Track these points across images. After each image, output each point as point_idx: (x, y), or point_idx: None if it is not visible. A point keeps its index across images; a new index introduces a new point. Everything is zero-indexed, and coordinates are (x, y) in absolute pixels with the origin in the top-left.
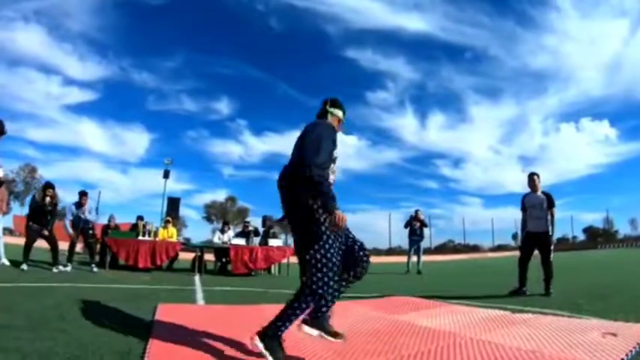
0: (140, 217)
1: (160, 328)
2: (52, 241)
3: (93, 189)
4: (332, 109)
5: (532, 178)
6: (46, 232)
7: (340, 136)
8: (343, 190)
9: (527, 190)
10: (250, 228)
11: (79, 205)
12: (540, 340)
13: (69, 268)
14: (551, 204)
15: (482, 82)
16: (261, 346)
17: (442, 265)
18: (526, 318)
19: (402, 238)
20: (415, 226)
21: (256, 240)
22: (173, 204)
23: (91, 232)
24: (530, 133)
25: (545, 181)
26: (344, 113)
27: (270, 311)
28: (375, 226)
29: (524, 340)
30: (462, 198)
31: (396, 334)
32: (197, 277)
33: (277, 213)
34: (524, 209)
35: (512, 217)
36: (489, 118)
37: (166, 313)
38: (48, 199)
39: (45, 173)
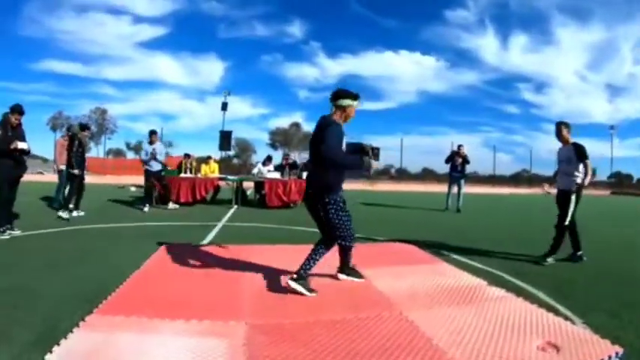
0: (187, 155)
1: (144, 271)
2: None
3: (173, 120)
4: (336, 102)
5: (558, 127)
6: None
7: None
8: (420, 113)
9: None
10: (289, 161)
11: (150, 143)
12: (469, 339)
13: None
14: (580, 157)
15: (570, 3)
16: (294, 284)
17: (495, 200)
18: (492, 296)
19: (478, 164)
20: (457, 162)
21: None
22: (225, 137)
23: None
24: (619, 60)
25: (634, 112)
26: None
27: (260, 251)
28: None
29: (453, 333)
30: (543, 125)
31: (327, 295)
32: (232, 210)
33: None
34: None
35: (596, 149)
36: (576, 41)
37: (162, 253)
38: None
39: (119, 110)
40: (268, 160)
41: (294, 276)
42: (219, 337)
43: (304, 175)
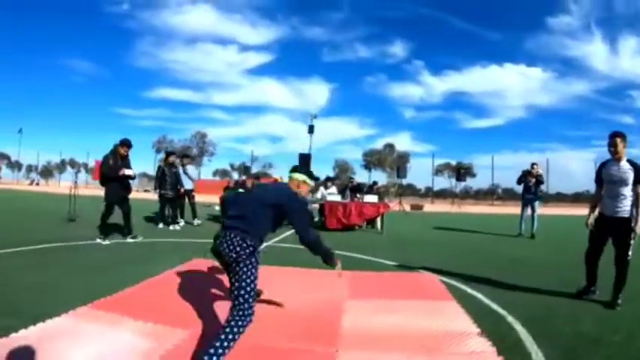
0: (256, 176)
1: (154, 280)
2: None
3: (280, 142)
4: (291, 174)
5: (613, 139)
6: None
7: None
8: (528, 128)
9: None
10: (354, 183)
11: (183, 165)
12: None
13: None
14: (638, 179)
15: None
16: None
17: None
18: (466, 350)
19: (592, 183)
20: (529, 183)
21: (357, 196)
22: (304, 160)
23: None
24: None
25: None
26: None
27: (278, 272)
28: (563, 167)
29: None
30: None
31: (283, 321)
32: (290, 231)
33: (456, 155)
34: (599, 182)
35: None
36: None
37: (185, 266)
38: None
39: (230, 133)
40: (329, 181)
41: None
42: (153, 339)
43: (367, 197)
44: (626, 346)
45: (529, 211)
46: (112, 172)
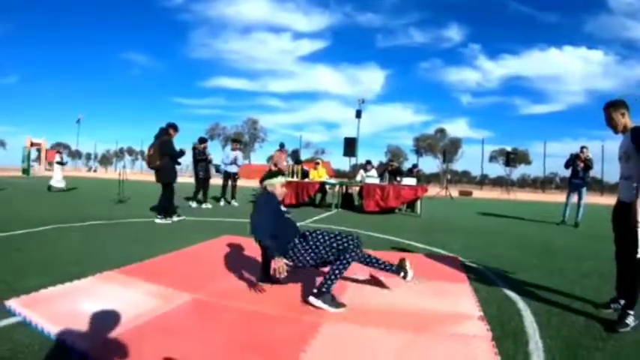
0: (298, 161)
1: (181, 252)
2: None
3: (335, 128)
4: (266, 181)
5: (605, 113)
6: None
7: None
8: (588, 115)
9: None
10: (394, 166)
11: (233, 150)
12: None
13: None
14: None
15: None
16: (317, 302)
17: None
18: (458, 332)
19: None
20: (578, 167)
21: (396, 178)
22: (349, 144)
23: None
24: None
25: None
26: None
27: None
28: None
29: (336, 351)
30: None
31: (284, 292)
32: (328, 213)
33: (513, 141)
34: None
35: None
36: None
37: (213, 241)
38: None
39: (285, 120)
40: (368, 164)
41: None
42: (160, 299)
43: (405, 180)
44: (636, 345)
45: (575, 198)
46: (181, 154)
